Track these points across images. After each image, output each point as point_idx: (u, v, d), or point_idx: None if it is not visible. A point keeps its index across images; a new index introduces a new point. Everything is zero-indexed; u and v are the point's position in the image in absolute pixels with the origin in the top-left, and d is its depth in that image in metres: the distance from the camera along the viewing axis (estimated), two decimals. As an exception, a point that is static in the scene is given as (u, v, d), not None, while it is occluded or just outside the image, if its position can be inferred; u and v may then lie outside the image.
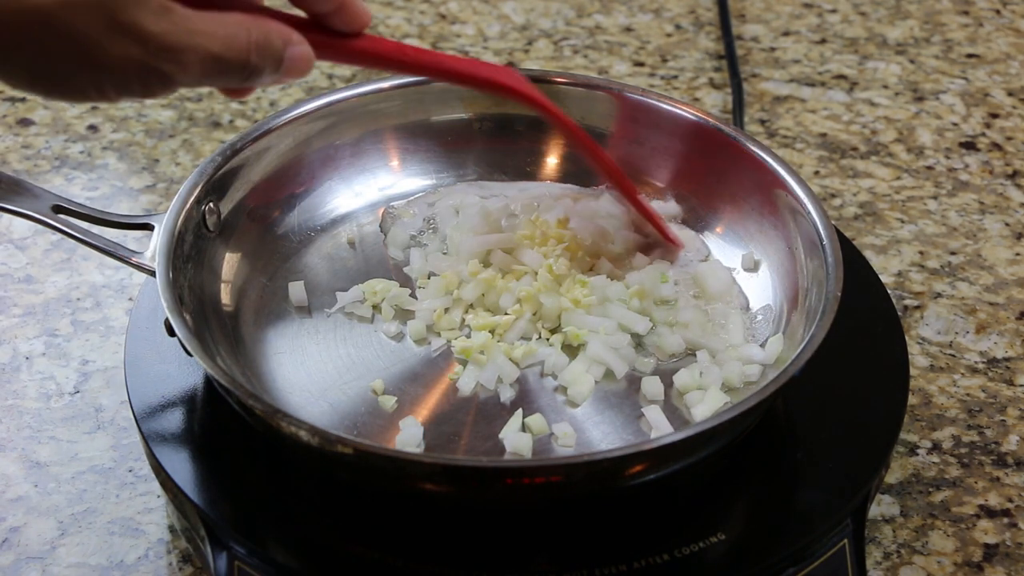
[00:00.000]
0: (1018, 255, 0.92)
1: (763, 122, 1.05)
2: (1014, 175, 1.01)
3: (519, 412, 0.70)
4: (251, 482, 0.67)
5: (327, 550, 0.63)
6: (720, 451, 0.66)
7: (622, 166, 0.79)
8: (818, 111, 1.07)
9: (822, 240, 0.72)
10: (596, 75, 1.10)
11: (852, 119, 1.06)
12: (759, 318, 0.76)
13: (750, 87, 1.10)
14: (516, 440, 0.68)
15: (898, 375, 0.74)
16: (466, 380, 0.72)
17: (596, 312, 0.74)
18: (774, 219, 0.78)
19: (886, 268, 0.90)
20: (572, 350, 0.74)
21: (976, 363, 0.83)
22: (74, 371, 0.81)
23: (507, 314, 0.75)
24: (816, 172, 1.00)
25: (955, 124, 1.06)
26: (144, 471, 0.74)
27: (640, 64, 1.13)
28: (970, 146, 1.04)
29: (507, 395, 0.71)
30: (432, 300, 0.76)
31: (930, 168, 1.01)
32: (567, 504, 0.66)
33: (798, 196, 0.75)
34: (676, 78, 1.11)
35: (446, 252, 0.80)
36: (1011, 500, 0.74)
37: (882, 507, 0.73)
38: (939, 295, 0.88)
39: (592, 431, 0.70)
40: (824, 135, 1.04)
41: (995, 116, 1.08)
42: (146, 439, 0.68)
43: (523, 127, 0.86)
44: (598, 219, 0.80)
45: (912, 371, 0.78)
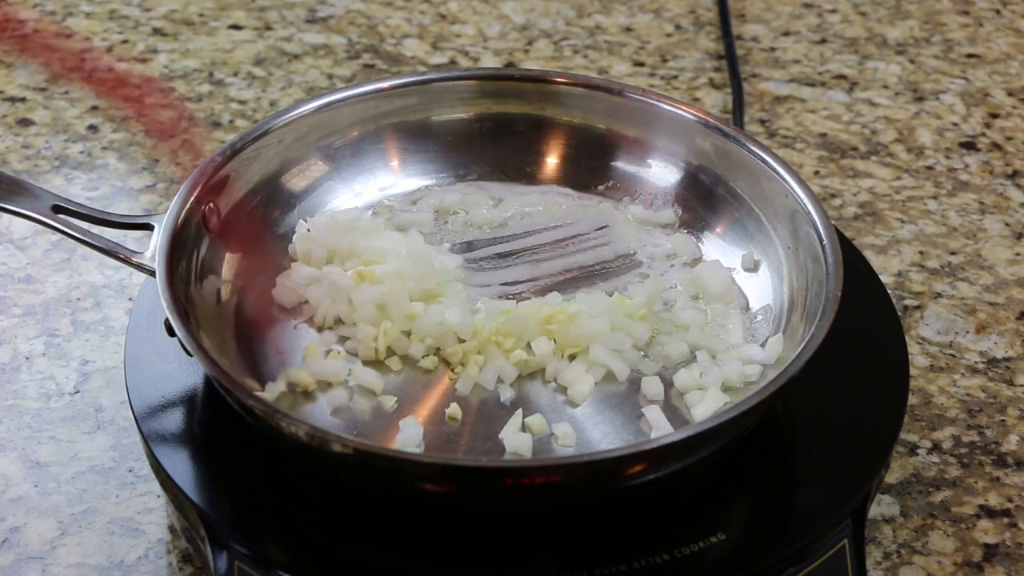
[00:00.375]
0: (1018, 255, 0.92)
1: (763, 122, 1.05)
2: (1014, 175, 1.01)
3: (519, 412, 0.70)
4: (251, 482, 0.67)
5: (327, 550, 0.63)
6: (720, 451, 0.66)
7: (622, 167, 0.78)
8: (818, 111, 1.07)
9: (822, 240, 0.72)
10: (596, 75, 1.10)
11: (852, 119, 1.06)
12: (759, 318, 0.76)
13: (750, 87, 1.10)
14: (516, 440, 0.68)
15: (898, 375, 0.74)
16: (465, 380, 0.72)
17: (595, 320, 0.74)
18: (774, 219, 0.78)
19: (886, 268, 0.90)
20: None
21: (976, 363, 0.83)
22: (74, 371, 0.81)
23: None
24: (816, 172, 1.00)
25: (955, 124, 1.06)
26: (144, 471, 0.74)
27: (640, 64, 1.13)
28: (970, 146, 1.04)
29: (507, 395, 0.71)
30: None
31: (930, 168, 1.01)
32: (567, 504, 0.66)
33: (798, 196, 0.75)
34: (676, 78, 1.11)
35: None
36: (1011, 500, 0.74)
37: (882, 507, 0.73)
38: (939, 295, 0.88)
39: (592, 431, 0.70)
40: (824, 135, 1.04)
41: (995, 116, 1.08)
42: (146, 439, 0.68)
43: (523, 127, 0.86)
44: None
45: (912, 371, 0.78)
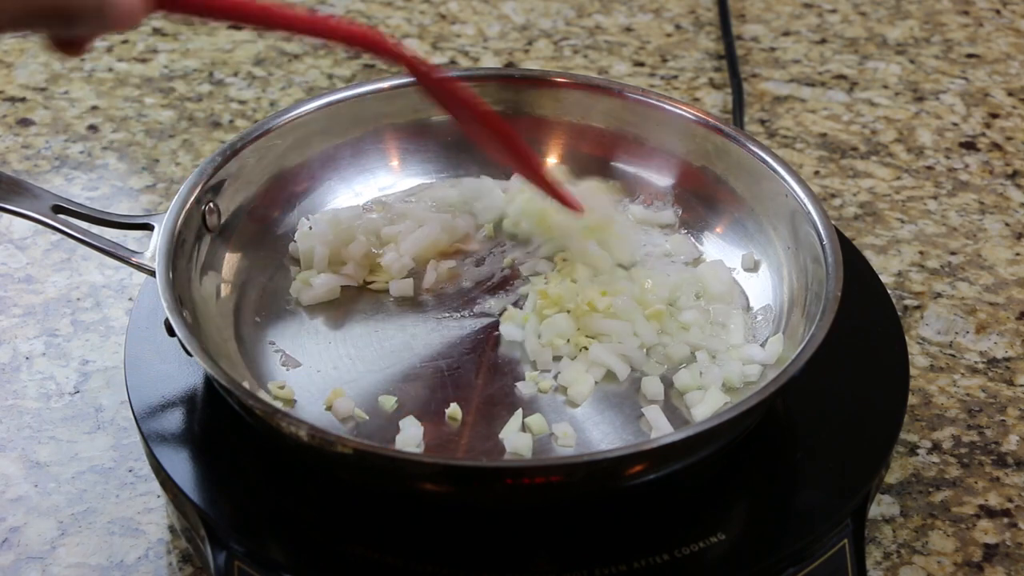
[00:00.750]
0: (1018, 255, 0.92)
1: (763, 122, 1.05)
2: (1014, 175, 1.01)
3: (519, 412, 0.70)
4: (251, 482, 0.67)
5: (327, 550, 0.63)
6: (720, 451, 0.66)
7: (622, 167, 0.78)
8: (818, 111, 1.07)
9: (822, 240, 0.72)
10: (596, 75, 1.10)
11: (852, 119, 1.06)
12: (759, 318, 0.76)
13: (750, 87, 1.10)
14: (516, 440, 0.68)
15: (898, 375, 0.74)
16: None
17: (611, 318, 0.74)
18: (774, 219, 0.78)
19: (886, 268, 0.90)
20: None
21: (976, 363, 0.83)
22: (74, 371, 0.81)
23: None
24: (816, 172, 1.00)
25: (955, 124, 1.06)
26: (144, 471, 0.74)
27: (640, 64, 1.13)
28: (970, 146, 1.04)
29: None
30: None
31: (930, 168, 1.01)
32: (567, 504, 0.66)
33: (798, 196, 0.75)
34: (676, 78, 1.11)
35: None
36: (1011, 500, 0.74)
37: (882, 507, 0.73)
38: (939, 295, 0.88)
39: (592, 431, 0.70)
40: (824, 135, 1.04)
41: (995, 116, 1.08)
42: (146, 439, 0.68)
43: (524, 127, 0.86)
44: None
45: (912, 371, 0.78)
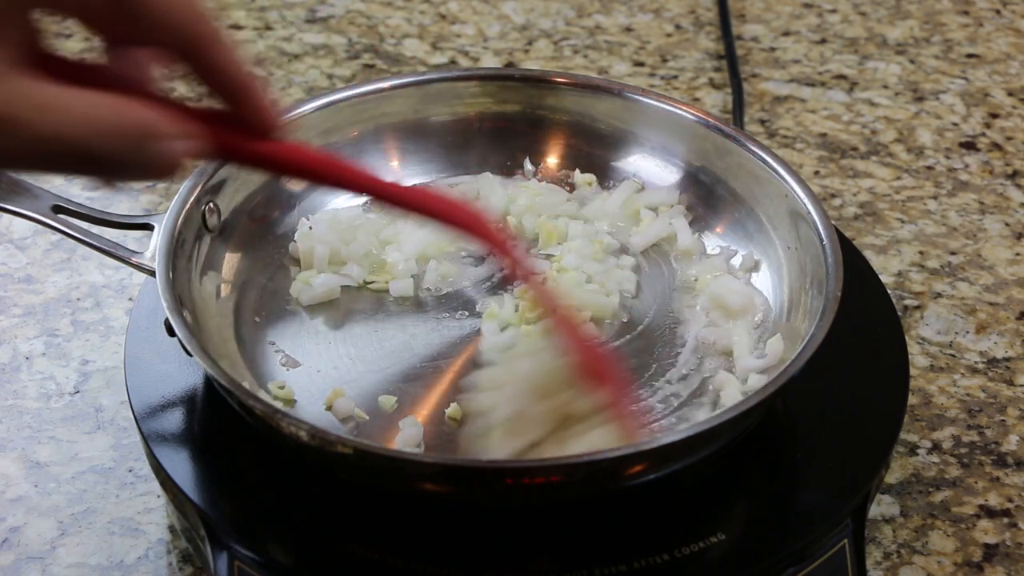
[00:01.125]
0: (1018, 255, 0.92)
1: (763, 122, 1.05)
2: (1014, 175, 1.01)
3: (519, 412, 0.70)
4: (251, 482, 0.67)
5: (327, 550, 0.63)
6: (720, 451, 0.66)
7: (622, 167, 0.78)
8: (818, 111, 1.07)
9: (822, 240, 0.72)
10: (596, 75, 1.10)
11: (852, 119, 1.06)
12: (759, 318, 0.76)
13: (750, 87, 1.10)
14: (516, 440, 0.68)
15: (898, 375, 0.74)
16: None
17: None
18: (774, 219, 0.78)
19: (886, 268, 0.90)
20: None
21: (976, 363, 0.83)
22: (74, 371, 0.81)
23: None
24: (816, 172, 1.00)
25: (955, 124, 1.06)
26: (144, 471, 0.74)
27: (640, 64, 1.13)
28: (970, 146, 1.04)
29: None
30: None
31: (930, 168, 1.01)
32: (567, 504, 0.66)
33: (798, 196, 0.75)
34: (676, 78, 1.11)
35: None
36: (1011, 500, 0.74)
37: (882, 507, 0.73)
38: (939, 295, 0.88)
39: (592, 431, 0.70)
40: (824, 135, 1.04)
41: (995, 116, 1.08)
42: (146, 439, 0.68)
43: (523, 127, 0.86)
44: None
45: (912, 371, 0.78)
